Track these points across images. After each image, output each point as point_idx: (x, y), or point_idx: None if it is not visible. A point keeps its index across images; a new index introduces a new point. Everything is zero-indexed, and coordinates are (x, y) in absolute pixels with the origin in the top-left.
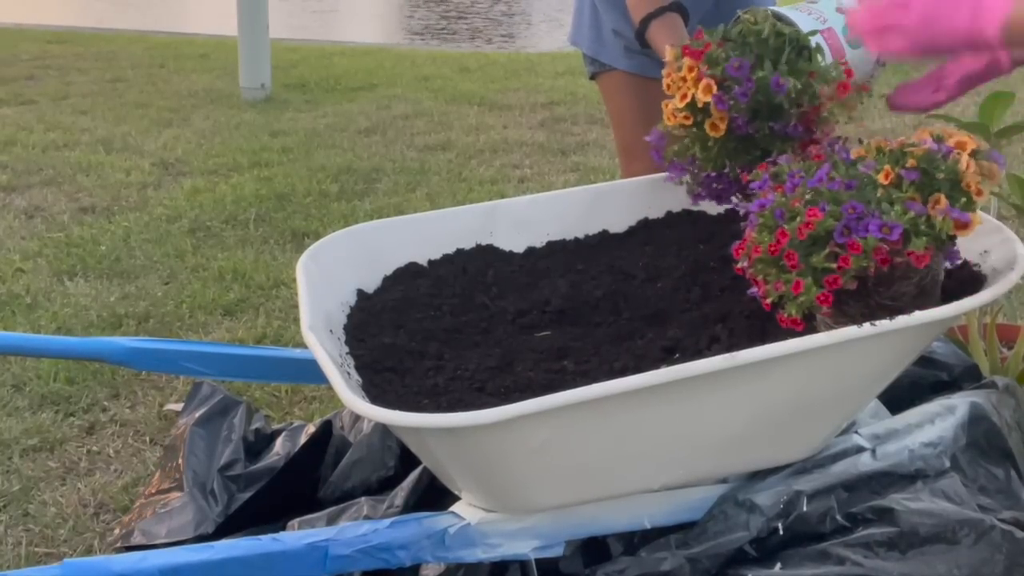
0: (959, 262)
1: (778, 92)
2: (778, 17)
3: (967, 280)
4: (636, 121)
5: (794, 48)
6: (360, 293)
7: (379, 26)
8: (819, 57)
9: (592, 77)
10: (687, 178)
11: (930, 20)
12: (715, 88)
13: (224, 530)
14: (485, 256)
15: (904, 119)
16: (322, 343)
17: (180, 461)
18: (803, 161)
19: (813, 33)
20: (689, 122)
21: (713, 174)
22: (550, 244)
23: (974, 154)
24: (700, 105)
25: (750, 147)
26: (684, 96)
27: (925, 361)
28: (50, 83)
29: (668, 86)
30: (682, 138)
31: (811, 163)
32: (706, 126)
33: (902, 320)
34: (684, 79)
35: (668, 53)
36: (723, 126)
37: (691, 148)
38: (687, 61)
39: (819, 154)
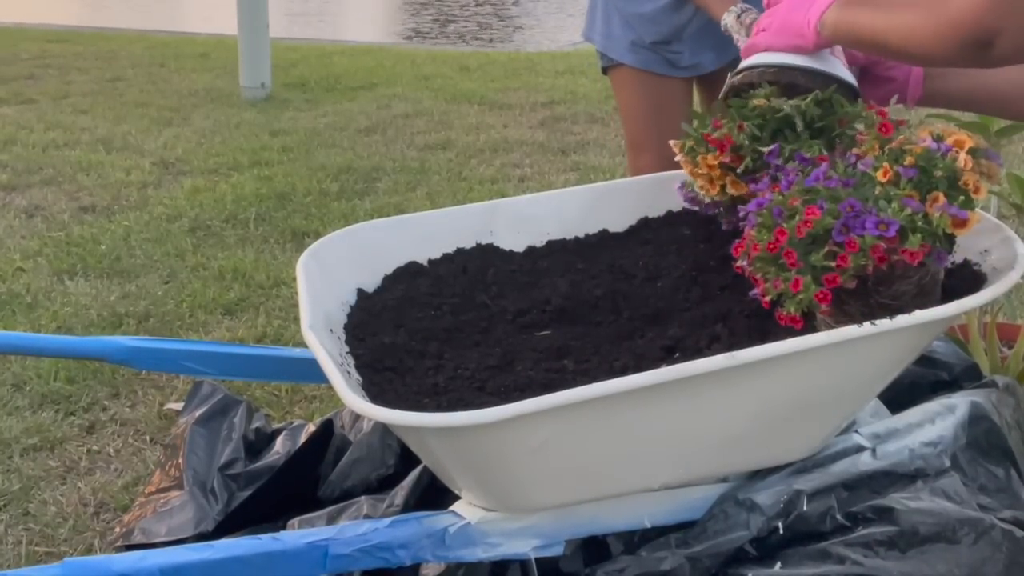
0: (949, 263)
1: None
2: (786, 67)
3: (967, 279)
4: (643, 116)
5: (815, 107)
6: (360, 292)
7: (378, 26)
8: (841, 101)
9: (605, 71)
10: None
11: (785, 19)
12: (745, 186)
13: (224, 528)
14: (485, 255)
15: (904, 117)
16: (322, 342)
17: (180, 460)
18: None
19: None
20: (727, 197)
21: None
22: (550, 243)
23: (972, 152)
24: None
25: None
26: (714, 185)
27: (925, 360)
28: (50, 82)
29: (692, 173)
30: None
31: (808, 164)
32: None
33: (902, 319)
34: (708, 175)
35: (675, 147)
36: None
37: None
38: (708, 159)
39: (821, 156)
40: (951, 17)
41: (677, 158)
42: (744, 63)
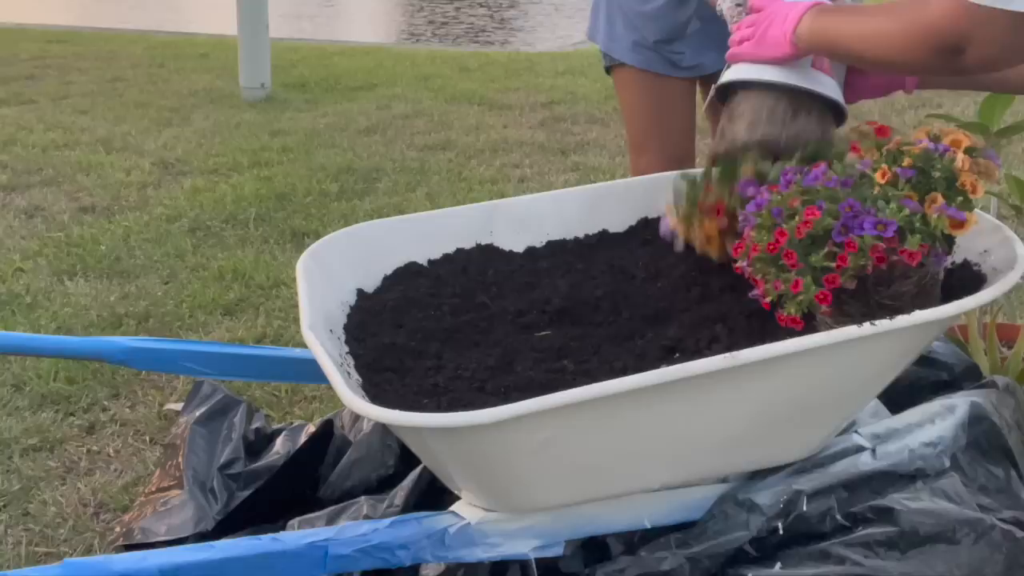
0: (949, 263)
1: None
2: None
3: (967, 279)
4: (645, 116)
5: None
6: (360, 293)
7: (378, 27)
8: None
9: (608, 71)
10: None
11: (765, 32)
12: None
13: (224, 527)
14: (485, 256)
15: (904, 118)
16: (322, 343)
17: (180, 459)
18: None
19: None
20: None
21: None
22: (550, 244)
23: (969, 151)
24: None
25: None
26: (714, 246)
27: (925, 361)
28: (50, 83)
29: (690, 241)
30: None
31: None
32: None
33: (902, 319)
34: (709, 240)
35: (667, 211)
36: None
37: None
38: (707, 228)
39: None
40: (926, 22)
41: (672, 225)
42: (725, 77)
